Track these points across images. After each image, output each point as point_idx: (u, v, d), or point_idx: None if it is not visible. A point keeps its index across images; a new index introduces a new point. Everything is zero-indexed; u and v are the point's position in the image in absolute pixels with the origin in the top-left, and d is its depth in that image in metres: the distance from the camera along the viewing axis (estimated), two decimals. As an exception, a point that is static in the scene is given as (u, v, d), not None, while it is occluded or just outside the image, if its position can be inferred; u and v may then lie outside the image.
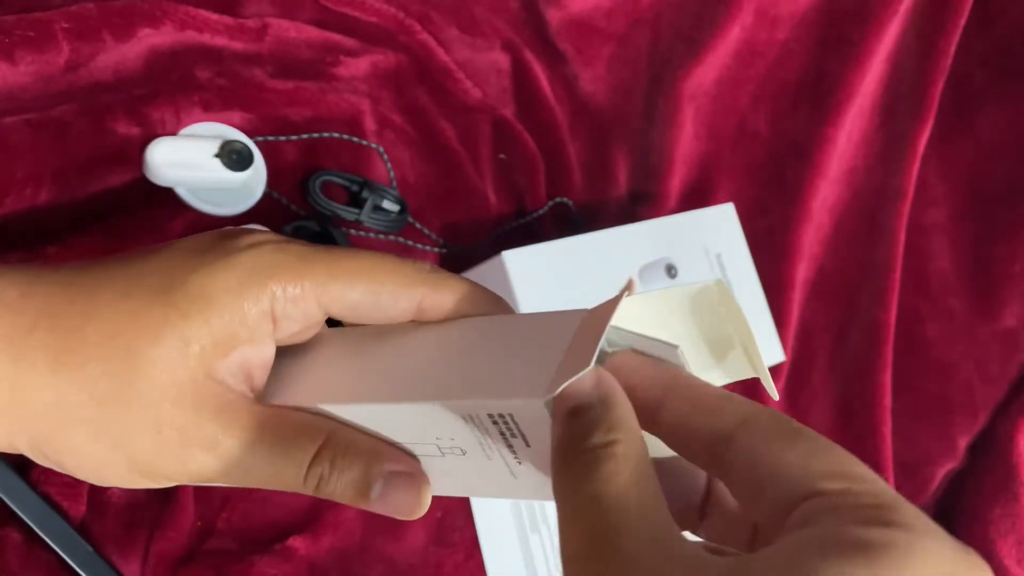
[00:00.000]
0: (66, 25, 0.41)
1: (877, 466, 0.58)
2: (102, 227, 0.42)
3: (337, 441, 0.25)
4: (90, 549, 0.38)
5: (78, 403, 0.23)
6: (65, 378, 0.23)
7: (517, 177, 0.56)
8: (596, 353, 0.21)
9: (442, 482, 0.27)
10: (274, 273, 0.25)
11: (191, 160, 0.43)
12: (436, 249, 0.53)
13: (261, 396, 0.26)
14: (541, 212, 0.56)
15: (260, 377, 0.26)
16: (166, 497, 0.41)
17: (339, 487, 0.25)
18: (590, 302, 0.45)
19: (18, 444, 0.24)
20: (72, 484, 0.38)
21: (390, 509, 0.26)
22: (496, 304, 0.27)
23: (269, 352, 0.26)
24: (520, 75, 0.57)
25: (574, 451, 0.20)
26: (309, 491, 0.25)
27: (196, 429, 0.24)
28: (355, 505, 0.26)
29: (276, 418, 0.25)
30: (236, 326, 0.24)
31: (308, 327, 0.27)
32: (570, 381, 0.21)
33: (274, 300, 0.25)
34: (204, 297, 0.24)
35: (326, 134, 0.49)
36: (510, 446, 0.24)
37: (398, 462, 0.26)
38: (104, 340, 0.23)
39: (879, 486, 0.19)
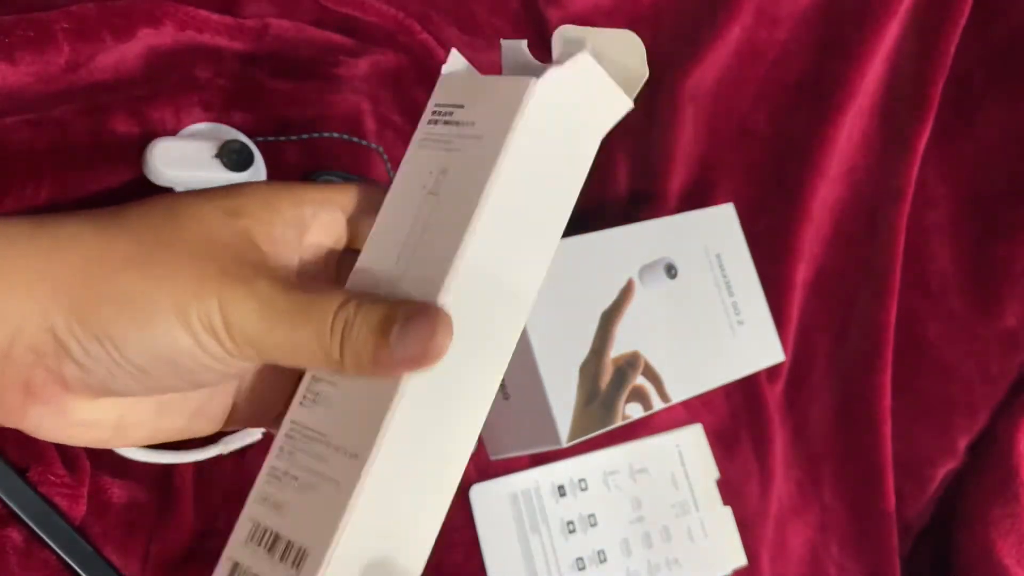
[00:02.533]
0: (66, 25, 0.41)
1: (877, 466, 0.58)
2: (102, 227, 0.42)
3: (358, 295, 0.26)
4: (90, 549, 0.38)
5: (123, 250, 0.25)
6: (108, 233, 0.26)
7: (517, 177, 0.56)
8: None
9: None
10: (305, 188, 0.29)
11: (191, 160, 0.43)
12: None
13: None
14: (541, 212, 0.56)
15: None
16: (166, 497, 0.41)
17: (362, 333, 0.25)
18: (590, 302, 0.45)
19: (54, 315, 0.24)
20: (72, 484, 0.38)
21: (410, 344, 0.25)
22: None
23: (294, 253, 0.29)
24: (520, 75, 0.57)
25: None
26: (336, 344, 0.25)
27: (236, 266, 0.26)
28: (374, 358, 0.25)
29: (303, 279, 0.28)
30: (271, 211, 0.28)
31: (333, 241, 0.30)
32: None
33: (306, 201, 0.29)
34: (239, 188, 0.28)
35: (326, 134, 0.49)
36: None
37: (413, 303, 0.26)
38: (145, 208, 0.27)
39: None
